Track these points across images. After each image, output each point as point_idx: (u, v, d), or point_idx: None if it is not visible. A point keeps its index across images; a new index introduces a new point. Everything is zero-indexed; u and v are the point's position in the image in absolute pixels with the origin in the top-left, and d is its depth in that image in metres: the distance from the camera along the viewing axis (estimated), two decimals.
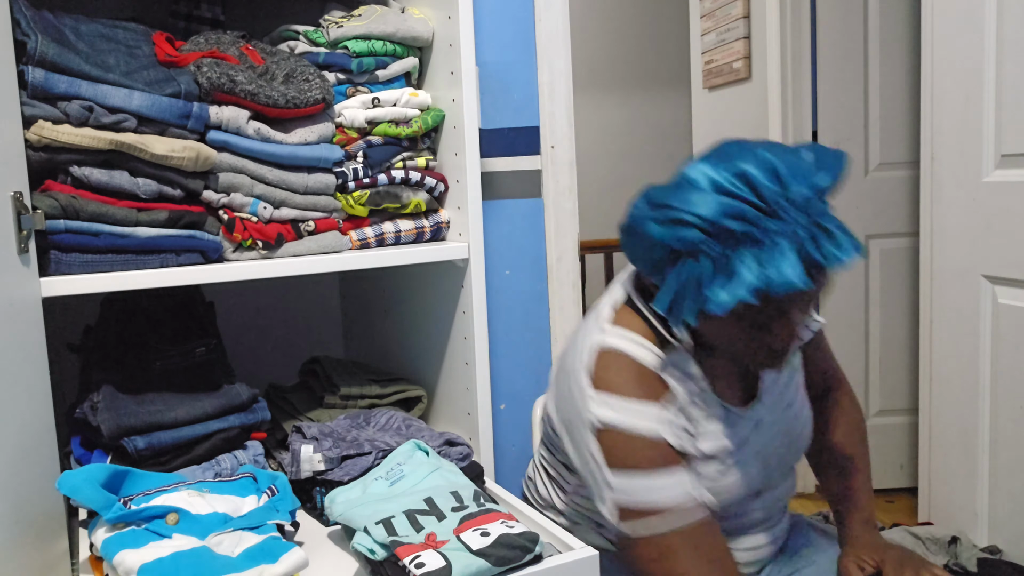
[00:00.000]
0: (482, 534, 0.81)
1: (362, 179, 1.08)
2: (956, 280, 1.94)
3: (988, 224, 1.83)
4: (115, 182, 0.90)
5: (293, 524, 0.90)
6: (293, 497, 0.89)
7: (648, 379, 0.91)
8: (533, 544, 0.81)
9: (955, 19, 1.87)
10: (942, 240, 1.98)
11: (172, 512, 0.79)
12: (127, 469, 0.86)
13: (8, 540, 0.66)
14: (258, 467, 0.98)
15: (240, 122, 0.98)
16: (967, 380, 1.92)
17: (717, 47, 3.00)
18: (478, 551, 0.78)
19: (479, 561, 0.77)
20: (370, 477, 0.95)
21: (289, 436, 1.06)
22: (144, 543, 0.75)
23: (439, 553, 0.77)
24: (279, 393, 1.22)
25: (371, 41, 1.12)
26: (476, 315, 1.09)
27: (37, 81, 0.85)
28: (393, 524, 0.82)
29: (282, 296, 1.48)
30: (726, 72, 2.94)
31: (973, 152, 1.85)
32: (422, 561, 0.76)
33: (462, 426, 1.15)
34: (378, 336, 1.42)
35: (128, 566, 0.72)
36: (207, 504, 0.83)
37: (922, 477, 2.13)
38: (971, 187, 1.87)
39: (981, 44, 1.80)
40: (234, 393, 1.01)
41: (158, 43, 1.01)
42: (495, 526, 0.83)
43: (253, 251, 1.00)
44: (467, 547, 0.79)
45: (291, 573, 0.75)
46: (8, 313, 0.71)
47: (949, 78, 1.91)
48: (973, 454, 1.92)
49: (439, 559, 0.76)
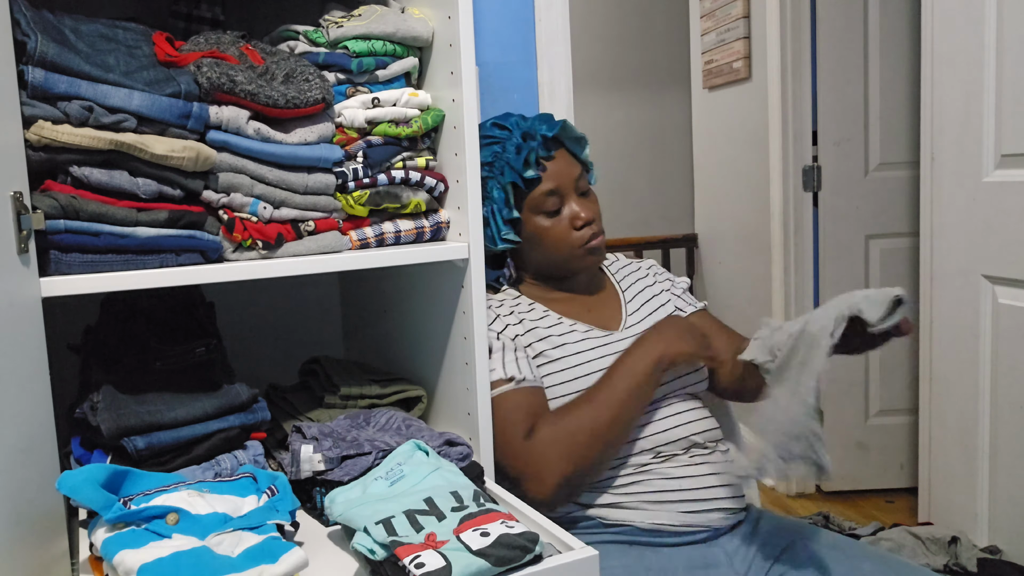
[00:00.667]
0: (482, 534, 0.81)
1: (362, 179, 1.08)
2: (956, 280, 1.94)
3: (988, 224, 1.83)
4: (115, 182, 0.90)
5: (293, 524, 0.89)
6: (293, 497, 0.89)
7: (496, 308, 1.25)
8: (533, 544, 0.81)
9: (955, 19, 1.88)
10: (942, 240, 1.98)
11: (172, 512, 0.79)
12: (127, 469, 0.86)
13: (8, 540, 0.66)
14: (258, 467, 0.98)
15: (240, 122, 0.98)
16: (967, 380, 1.92)
17: (717, 47, 3.00)
18: (478, 551, 0.79)
19: (479, 561, 0.77)
20: (370, 477, 0.95)
21: (289, 436, 1.06)
22: (144, 543, 0.75)
23: (439, 553, 0.78)
24: (279, 393, 1.22)
25: (371, 41, 1.12)
26: (476, 315, 1.09)
27: (37, 81, 0.85)
28: (393, 524, 0.83)
29: (282, 296, 1.48)
30: (726, 72, 2.94)
31: (973, 152, 1.85)
32: (422, 561, 0.76)
33: (462, 426, 1.15)
34: (378, 336, 1.42)
35: (128, 566, 0.72)
36: (207, 504, 0.83)
37: (922, 477, 2.13)
38: (971, 187, 1.87)
39: (981, 44, 1.80)
40: (234, 393, 1.01)
41: (158, 43, 1.01)
42: (495, 526, 0.83)
43: (253, 251, 1.00)
44: (467, 547, 0.79)
45: (291, 573, 0.75)
46: (8, 313, 0.71)
47: (949, 78, 1.91)
48: (973, 454, 1.92)
49: (439, 559, 0.76)
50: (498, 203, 1.21)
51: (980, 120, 1.82)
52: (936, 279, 2.01)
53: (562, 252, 1.24)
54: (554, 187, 1.22)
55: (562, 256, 1.24)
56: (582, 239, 1.23)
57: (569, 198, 1.24)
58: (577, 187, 1.24)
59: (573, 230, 1.23)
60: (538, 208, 1.22)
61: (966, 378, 1.92)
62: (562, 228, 1.23)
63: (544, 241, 1.24)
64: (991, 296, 1.84)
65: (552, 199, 1.22)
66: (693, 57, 3.22)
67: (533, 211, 1.23)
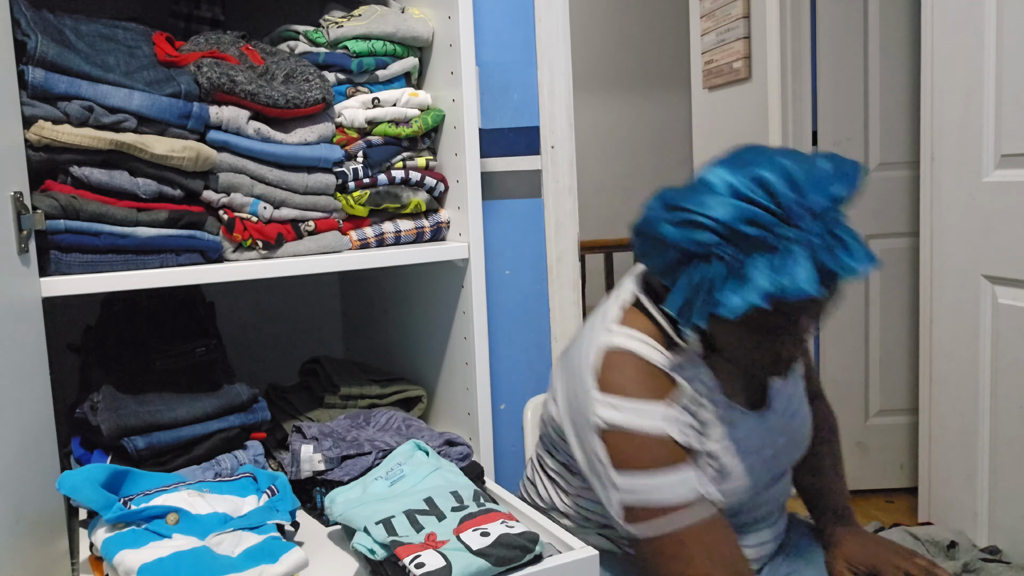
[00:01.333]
0: (482, 534, 0.81)
1: (362, 179, 1.08)
2: (956, 280, 1.94)
3: (988, 224, 1.83)
4: (115, 182, 0.90)
5: (293, 524, 0.90)
6: (293, 497, 0.90)
7: (655, 377, 0.91)
8: (533, 544, 0.81)
9: (955, 19, 1.87)
10: (942, 240, 1.98)
11: (172, 512, 0.80)
12: (127, 469, 0.86)
13: (8, 540, 0.66)
14: (258, 467, 0.98)
15: (240, 122, 0.98)
16: (967, 380, 1.92)
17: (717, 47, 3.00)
18: (478, 551, 0.79)
19: (479, 561, 0.77)
20: (370, 477, 0.96)
21: (289, 436, 1.06)
22: (144, 543, 0.75)
23: (439, 553, 0.78)
24: (279, 393, 1.22)
25: (371, 41, 1.12)
26: (476, 315, 1.09)
27: (37, 81, 0.85)
28: (393, 524, 0.83)
29: (282, 296, 1.48)
30: (726, 72, 2.94)
31: (973, 152, 1.85)
32: (422, 561, 0.76)
33: (462, 426, 1.15)
34: (378, 336, 1.42)
35: (128, 566, 0.72)
36: (207, 504, 0.83)
37: (922, 477, 2.13)
38: (971, 187, 1.87)
39: (981, 44, 1.80)
40: (234, 393, 1.01)
41: (158, 43, 1.01)
42: (495, 526, 0.83)
43: (253, 251, 1.00)
44: (467, 547, 0.79)
45: (291, 573, 0.76)
46: (8, 313, 0.71)
47: (949, 78, 1.91)
48: (973, 454, 1.92)
49: (439, 559, 0.77)
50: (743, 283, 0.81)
51: (980, 120, 1.82)
52: (936, 279, 2.01)
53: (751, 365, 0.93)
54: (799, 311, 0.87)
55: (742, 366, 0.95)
56: (777, 370, 0.93)
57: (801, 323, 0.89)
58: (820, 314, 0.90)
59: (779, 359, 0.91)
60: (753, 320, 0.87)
61: (966, 378, 1.92)
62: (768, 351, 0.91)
63: (736, 350, 0.92)
64: (991, 296, 1.84)
65: (781, 319, 0.87)
66: (693, 57, 3.22)
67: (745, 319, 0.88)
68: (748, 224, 0.80)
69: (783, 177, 0.81)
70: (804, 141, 2.64)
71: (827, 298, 0.86)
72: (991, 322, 1.85)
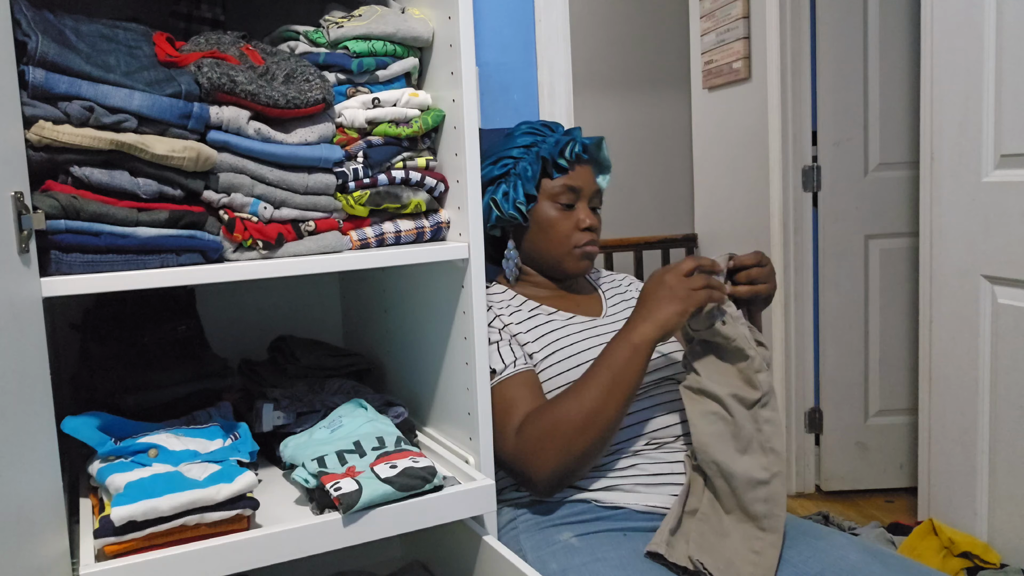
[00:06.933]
0: (391, 467, 1.00)
1: (362, 179, 1.08)
2: (956, 280, 1.94)
3: (987, 224, 1.84)
4: (116, 182, 0.90)
5: (252, 465, 1.02)
6: (252, 441, 1.04)
7: None
8: (432, 476, 1.00)
9: (955, 19, 1.88)
10: (941, 240, 1.98)
11: (153, 448, 0.98)
12: (119, 418, 1.02)
13: (8, 540, 0.66)
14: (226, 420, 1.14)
15: (240, 122, 0.98)
16: (967, 380, 1.92)
17: (717, 47, 3.00)
18: (386, 479, 0.97)
19: (385, 487, 0.96)
20: (317, 427, 1.12)
21: (256, 399, 1.22)
22: (130, 470, 0.93)
23: (355, 480, 0.96)
24: (250, 366, 1.37)
25: (371, 41, 1.12)
26: (476, 315, 1.09)
27: (38, 81, 0.85)
28: (325, 460, 1.02)
29: (282, 296, 1.49)
30: (726, 72, 2.94)
31: (973, 152, 1.85)
32: (340, 486, 0.95)
33: (462, 426, 1.15)
34: (378, 336, 1.42)
35: (116, 484, 0.90)
36: (181, 444, 1.00)
37: (922, 477, 2.13)
38: (970, 187, 1.87)
39: (981, 44, 1.80)
40: (208, 362, 1.21)
41: (158, 43, 1.01)
42: (404, 461, 1.02)
43: (253, 251, 1.00)
44: (377, 476, 0.98)
45: (243, 491, 0.91)
46: (8, 313, 0.71)
47: (949, 78, 1.91)
48: (973, 454, 1.92)
49: (353, 484, 0.95)
50: (523, 176, 1.29)
51: (979, 120, 1.82)
52: (936, 279, 2.01)
53: (560, 248, 1.31)
54: (576, 186, 1.31)
55: (559, 252, 1.32)
56: (581, 241, 1.31)
57: (582, 202, 1.32)
58: (592, 198, 1.33)
59: (577, 230, 1.31)
60: (554, 198, 1.30)
61: (966, 378, 1.92)
62: (568, 225, 1.31)
63: (548, 231, 1.31)
64: (991, 296, 1.85)
65: (569, 195, 1.30)
66: (693, 57, 3.22)
67: (548, 199, 1.31)
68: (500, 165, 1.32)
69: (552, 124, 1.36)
70: (804, 141, 2.64)
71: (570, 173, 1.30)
72: (991, 322, 1.85)
